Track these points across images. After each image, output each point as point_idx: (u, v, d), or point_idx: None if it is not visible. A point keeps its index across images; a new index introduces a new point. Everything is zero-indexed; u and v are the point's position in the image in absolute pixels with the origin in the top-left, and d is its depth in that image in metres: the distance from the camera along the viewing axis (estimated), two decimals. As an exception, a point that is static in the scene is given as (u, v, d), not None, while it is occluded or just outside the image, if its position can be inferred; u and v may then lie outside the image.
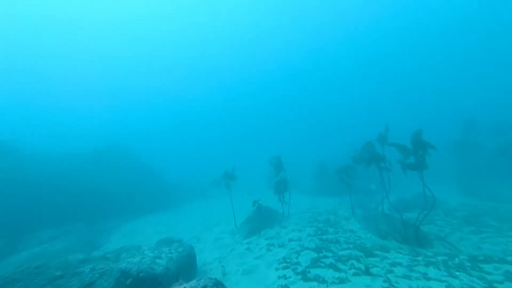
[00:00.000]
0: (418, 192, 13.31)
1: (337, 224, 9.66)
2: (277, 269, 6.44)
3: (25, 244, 9.55)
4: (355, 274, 5.61)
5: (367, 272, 5.62)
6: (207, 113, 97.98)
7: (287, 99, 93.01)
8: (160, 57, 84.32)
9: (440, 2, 59.33)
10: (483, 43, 62.29)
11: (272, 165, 12.48)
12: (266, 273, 6.42)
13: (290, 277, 5.91)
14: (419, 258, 6.19)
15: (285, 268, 6.41)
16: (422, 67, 72.48)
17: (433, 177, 11.69)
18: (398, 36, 69.53)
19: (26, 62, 66.49)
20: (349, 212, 11.52)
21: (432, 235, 8.09)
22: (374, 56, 75.88)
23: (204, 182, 25.70)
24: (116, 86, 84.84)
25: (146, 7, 72.25)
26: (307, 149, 49.95)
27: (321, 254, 6.93)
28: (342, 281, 5.39)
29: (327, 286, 5.29)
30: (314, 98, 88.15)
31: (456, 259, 6.09)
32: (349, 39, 76.10)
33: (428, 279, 5.17)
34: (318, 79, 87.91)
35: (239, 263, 7.48)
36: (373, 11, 66.86)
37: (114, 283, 4.70)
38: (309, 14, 72.48)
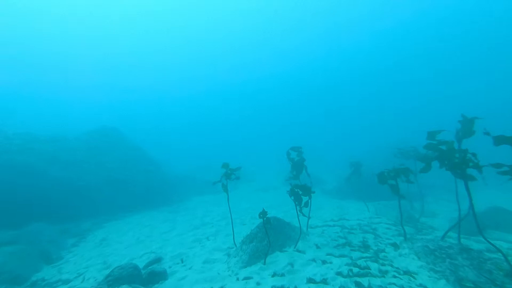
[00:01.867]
0: (489, 207, 9.63)
1: (381, 254, 6.44)
2: None
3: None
4: None
5: None
6: (221, 107, 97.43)
7: (310, 94, 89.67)
8: (170, 50, 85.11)
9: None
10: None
11: (290, 161, 9.31)
12: None
13: None
14: None
15: None
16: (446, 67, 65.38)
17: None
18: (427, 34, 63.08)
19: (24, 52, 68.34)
20: (393, 231, 8.23)
21: None
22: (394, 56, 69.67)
23: (213, 177, 23.19)
24: (122, 81, 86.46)
25: (147, 5, 72.95)
26: (330, 144, 46.15)
27: (366, 330, 3.86)
28: None
29: None
30: (339, 93, 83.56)
31: None
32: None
33: None
34: (342, 74, 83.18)
35: (225, 321, 4.60)
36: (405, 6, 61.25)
37: None
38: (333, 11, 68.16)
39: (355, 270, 5.68)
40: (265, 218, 6.76)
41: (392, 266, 5.78)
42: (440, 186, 15.29)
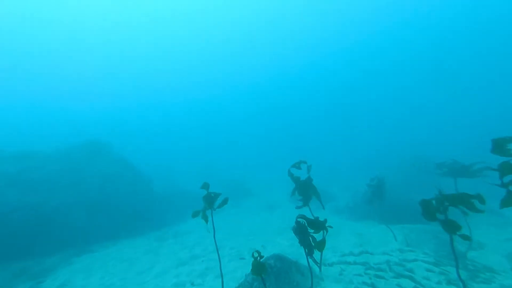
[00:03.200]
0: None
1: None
2: None
3: None
4: None
5: None
6: (225, 113, 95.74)
7: (318, 99, 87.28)
8: (168, 59, 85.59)
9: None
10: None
11: (293, 181, 7.22)
12: None
13: None
14: None
15: None
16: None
17: None
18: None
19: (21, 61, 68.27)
20: (437, 275, 6.08)
21: None
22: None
23: (212, 190, 21.13)
24: (118, 87, 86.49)
25: (148, 7, 73.59)
26: (340, 152, 43.54)
27: None
28: None
29: None
30: (349, 98, 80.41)
31: None
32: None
33: None
34: (351, 77, 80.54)
35: None
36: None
37: None
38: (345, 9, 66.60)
39: None
40: (257, 264, 4.67)
41: None
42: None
